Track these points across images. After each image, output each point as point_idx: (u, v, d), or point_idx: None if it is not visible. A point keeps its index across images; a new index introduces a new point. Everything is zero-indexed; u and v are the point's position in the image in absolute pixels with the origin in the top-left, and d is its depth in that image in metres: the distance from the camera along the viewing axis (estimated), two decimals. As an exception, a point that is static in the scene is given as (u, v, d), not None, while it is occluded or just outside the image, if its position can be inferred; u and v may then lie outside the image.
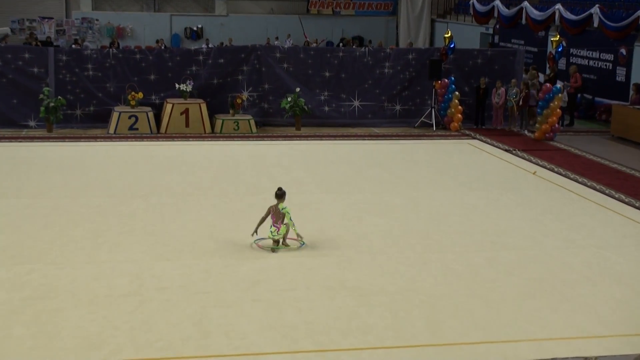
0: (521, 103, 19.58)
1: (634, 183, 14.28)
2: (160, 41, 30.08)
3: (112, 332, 7.47)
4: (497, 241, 10.66)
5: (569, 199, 13.04)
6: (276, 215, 9.97)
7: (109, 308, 8.03)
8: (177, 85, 18.68)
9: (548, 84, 18.55)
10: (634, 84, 19.44)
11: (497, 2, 24.98)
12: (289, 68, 19.82)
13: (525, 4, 23.04)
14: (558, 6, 21.46)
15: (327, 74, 20.01)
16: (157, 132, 18.34)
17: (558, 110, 18.31)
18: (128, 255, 9.70)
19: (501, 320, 8.00)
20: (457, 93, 19.40)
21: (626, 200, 12.98)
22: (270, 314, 7.99)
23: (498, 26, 27.64)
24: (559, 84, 18.74)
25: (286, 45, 25.06)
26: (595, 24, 20.26)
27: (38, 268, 9.13)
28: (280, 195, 10.03)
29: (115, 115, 18.17)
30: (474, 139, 18.60)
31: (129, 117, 18.14)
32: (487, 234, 10.98)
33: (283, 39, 32.22)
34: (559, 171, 15.08)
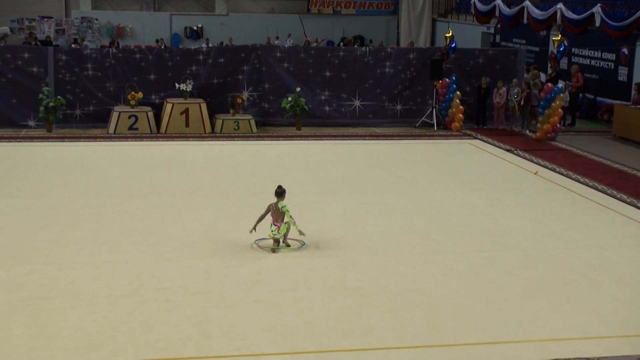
0: (522, 103, 19.54)
1: (635, 183, 14.25)
2: (160, 41, 30.06)
3: (112, 333, 7.46)
4: (498, 241, 10.65)
5: (571, 199, 13.02)
6: (276, 214, 9.94)
7: (109, 308, 8.02)
8: (177, 85, 18.65)
9: (550, 84, 18.50)
10: (636, 84, 19.39)
11: (499, 2, 24.92)
12: (289, 68, 19.79)
13: (527, 3, 22.98)
14: (560, 5, 21.41)
15: (328, 73, 19.98)
16: (157, 132, 18.31)
17: (560, 110, 18.27)
18: (128, 256, 9.69)
19: (502, 320, 7.98)
20: (458, 93, 19.37)
21: (628, 200, 12.95)
22: (271, 315, 7.97)
23: (499, 25, 27.59)
24: (560, 84, 18.70)
25: (286, 45, 25.02)
26: (597, 24, 20.21)
27: (37, 268, 9.11)
28: (280, 193, 9.99)
29: (115, 115, 18.14)
30: (475, 138, 18.57)
31: (129, 117, 18.12)
32: (488, 234, 10.96)
33: (283, 38, 32.19)
34: (561, 171, 15.05)
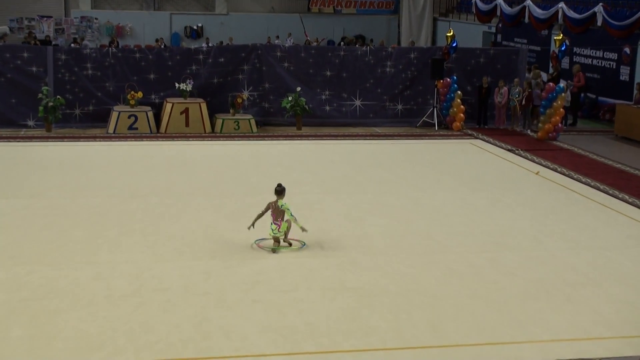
0: (524, 102, 19.50)
1: (637, 183, 14.21)
2: (160, 40, 30.02)
3: (112, 334, 7.44)
4: (499, 242, 10.62)
5: (572, 199, 12.99)
6: (276, 213, 9.90)
7: (109, 309, 8.00)
8: (177, 85, 18.62)
9: (551, 83, 18.47)
10: (638, 83, 19.36)
11: (500, 1, 24.93)
12: (289, 67, 19.76)
13: (528, 2, 22.98)
14: (561, 4, 21.39)
15: (328, 73, 19.95)
16: (157, 132, 18.29)
17: (561, 109, 18.23)
18: (128, 256, 9.67)
19: (504, 321, 7.96)
20: (460, 92, 19.34)
21: (630, 200, 12.93)
22: (271, 315, 7.96)
23: (501, 25, 27.58)
24: (562, 83, 18.67)
25: (287, 44, 24.98)
26: (599, 23, 20.19)
27: (37, 269, 9.10)
28: (279, 191, 9.95)
29: (114, 115, 18.11)
30: (477, 138, 18.53)
31: (129, 117, 18.09)
32: (490, 234, 10.94)
33: (284, 37, 32.15)
34: (562, 171, 15.02)
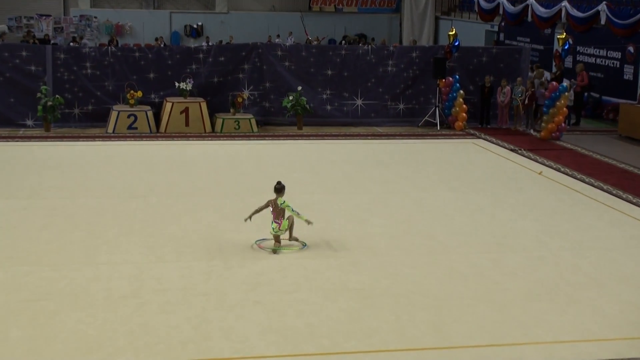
0: (527, 102, 19.43)
1: (641, 183, 14.17)
2: (160, 39, 29.97)
3: (111, 335, 7.43)
4: (502, 242, 10.61)
5: (576, 200, 12.96)
6: (276, 211, 9.87)
7: (108, 310, 7.99)
8: (177, 84, 18.57)
9: (554, 83, 18.41)
10: (642, 82, 19.36)
11: (503, -1, 24.82)
12: (290, 66, 19.70)
13: (531, 0, 22.86)
14: (564, 3, 21.29)
15: (330, 72, 19.90)
16: (157, 132, 18.25)
17: (564, 109, 18.17)
18: (127, 257, 9.65)
19: (507, 323, 7.94)
20: (462, 92, 19.28)
21: (634, 200, 12.90)
22: (272, 317, 7.93)
23: (503, 23, 27.54)
24: (565, 83, 18.62)
25: (288, 43, 24.92)
26: (603, 21, 20.09)
27: (36, 269, 9.08)
28: (279, 189, 9.90)
29: (114, 115, 18.06)
30: (479, 138, 18.49)
31: (128, 116, 18.04)
32: (492, 235, 10.92)
33: (284, 36, 32.09)
34: (566, 171, 14.99)
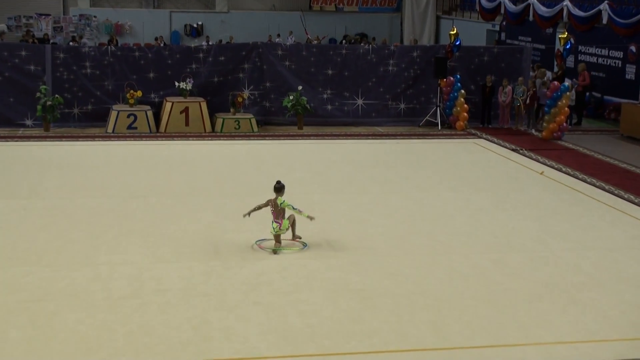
0: (528, 102, 19.39)
1: (643, 183, 14.15)
2: (160, 38, 29.96)
3: (110, 336, 7.42)
4: (504, 242, 10.60)
5: (578, 200, 12.94)
6: (276, 211, 9.86)
7: (107, 311, 7.97)
8: (177, 84, 18.53)
9: (556, 82, 18.38)
10: (643, 82, 19.34)
11: (504, -2, 24.81)
12: (291, 66, 19.68)
13: (533, 0, 22.85)
14: (566, 2, 21.29)
15: (330, 71, 19.87)
16: (157, 132, 18.22)
17: (566, 109, 18.13)
18: (127, 257, 9.64)
19: (508, 323, 7.93)
20: (463, 91, 19.25)
21: (636, 200, 12.88)
22: (272, 317, 7.92)
23: (505, 23, 27.53)
24: (567, 82, 18.59)
25: (288, 43, 24.89)
26: (604, 21, 20.10)
27: (35, 270, 9.06)
28: (278, 188, 9.88)
29: (113, 114, 18.02)
30: (480, 138, 18.46)
31: (128, 116, 18.01)
32: (494, 235, 10.91)
33: (285, 36, 32.06)
34: (567, 171, 14.97)
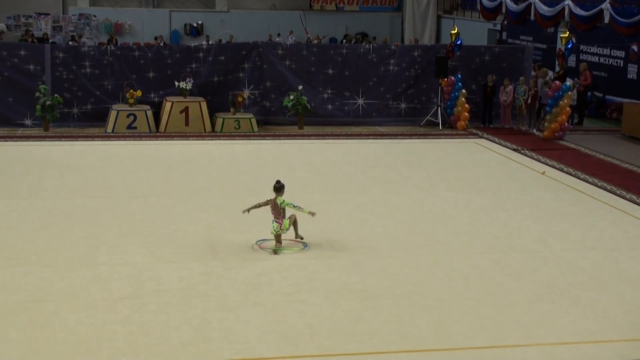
0: (529, 101, 19.36)
1: (645, 183, 14.12)
2: (160, 38, 29.94)
3: (110, 336, 7.41)
4: (505, 243, 10.59)
5: (579, 200, 12.93)
6: (276, 211, 9.84)
7: (107, 311, 7.97)
8: (177, 83, 18.50)
9: (557, 82, 18.36)
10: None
11: (505, -2, 24.79)
12: (291, 65, 19.65)
13: (534, -1, 22.87)
14: (567, 2, 21.28)
15: (331, 71, 19.85)
16: (156, 131, 18.19)
17: (567, 108, 18.11)
18: (126, 257, 9.62)
19: (509, 324, 7.92)
20: (464, 91, 19.23)
21: (638, 201, 12.86)
22: (272, 318, 7.91)
23: (506, 22, 27.53)
24: (568, 82, 18.56)
25: (288, 42, 24.86)
26: (606, 20, 20.09)
27: (34, 270, 9.05)
28: (278, 188, 9.86)
29: (113, 114, 17.99)
30: (481, 138, 18.44)
31: (127, 116, 17.98)
32: (495, 235, 10.90)
33: (285, 35, 32.04)
34: (569, 171, 14.95)
